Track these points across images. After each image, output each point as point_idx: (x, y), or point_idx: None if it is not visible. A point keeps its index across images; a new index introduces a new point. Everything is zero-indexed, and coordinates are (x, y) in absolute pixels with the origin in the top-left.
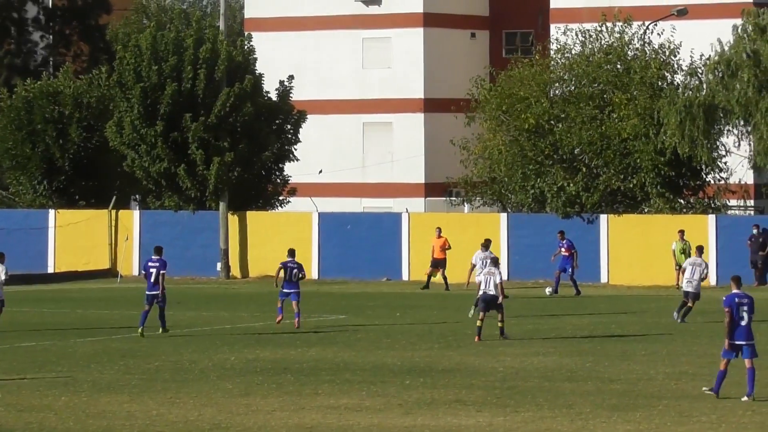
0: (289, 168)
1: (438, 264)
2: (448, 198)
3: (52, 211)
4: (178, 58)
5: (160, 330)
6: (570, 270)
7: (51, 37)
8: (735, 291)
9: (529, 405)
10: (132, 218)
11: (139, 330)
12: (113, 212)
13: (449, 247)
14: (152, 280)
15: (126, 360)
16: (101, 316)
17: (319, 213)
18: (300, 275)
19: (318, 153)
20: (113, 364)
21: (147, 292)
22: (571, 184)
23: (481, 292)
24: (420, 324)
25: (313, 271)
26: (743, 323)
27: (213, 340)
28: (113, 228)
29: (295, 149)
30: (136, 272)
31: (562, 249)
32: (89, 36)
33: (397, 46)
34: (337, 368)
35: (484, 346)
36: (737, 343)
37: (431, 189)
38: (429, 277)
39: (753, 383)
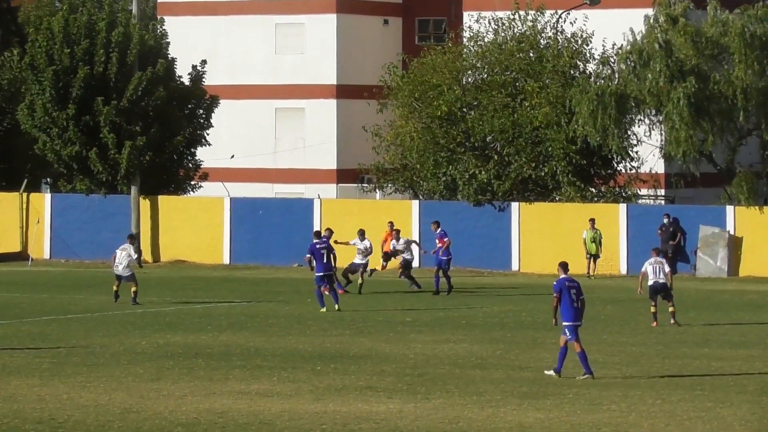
0: (201, 153)
1: (389, 257)
2: (360, 184)
3: None
4: (90, 42)
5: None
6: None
7: None
8: (564, 276)
9: (439, 392)
10: (43, 201)
11: (323, 310)
12: (24, 195)
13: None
14: (324, 261)
15: (36, 343)
16: (11, 299)
17: (230, 198)
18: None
19: (230, 138)
20: (23, 348)
21: (318, 274)
22: (483, 172)
23: (651, 282)
24: (331, 310)
25: (224, 257)
26: (576, 305)
27: (124, 324)
28: (24, 211)
29: (207, 134)
30: (47, 255)
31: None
32: (1, 18)
33: (310, 31)
34: (248, 354)
35: (394, 333)
36: (570, 324)
37: (343, 175)
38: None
39: (587, 362)
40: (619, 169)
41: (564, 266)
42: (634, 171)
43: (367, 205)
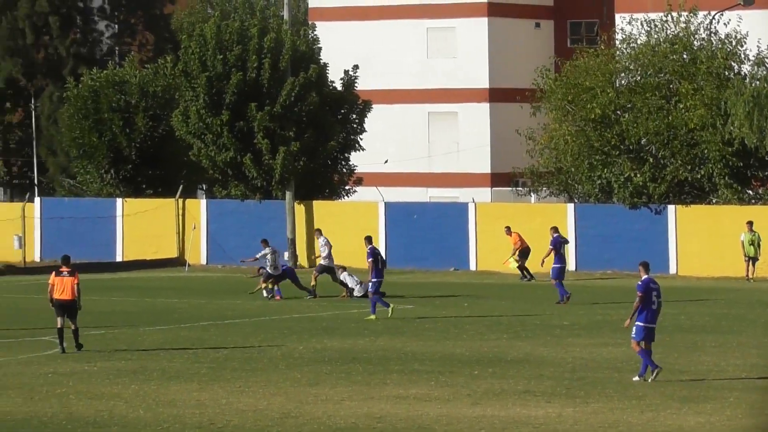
0: (355, 158)
1: (526, 253)
2: (514, 188)
3: (119, 200)
4: (242, 48)
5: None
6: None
7: (116, 26)
8: (647, 276)
9: (598, 396)
10: (199, 207)
11: (372, 317)
12: (180, 201)
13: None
14: (380, 267)
15: (195, 348)
16: (169, 304)
17: (385, 203)
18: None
19: (384, 143)
20: (183, 353)
21: (376, 279)
22: (638, 175)
23: None
24: (488, 314)
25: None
26: (654, 307)
27: (281, 329)
28: (180, 217)
29: (361, 139)
30: (204, 261)
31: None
32: (154, 25)
33: (462, 35)
34: (405, 358)
35: (552, 337)
36: (649, 326)
37: (497, 179)
38: (522, 268)
39: (646, 366)
40: None
41: (646, 266)
42: None
43: (521, 209)
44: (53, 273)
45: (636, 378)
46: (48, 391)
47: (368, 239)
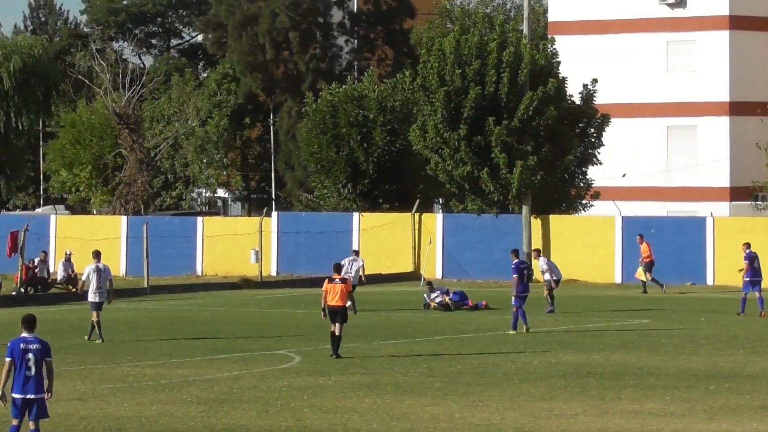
0: (592, 171)
1: (650, 267)
2: (753, 202)
3: (356, 214)
4: (481, 62)
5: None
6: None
7: (356, 41)
8: None
9: None
10: (435, 221)
11: (516, 331)
12: (416, 215)
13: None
14: (524, 281)
15: (429, 362)
16: (405, 318)
17: (622, 217)
18: None
19: (621, 156)
20: (416, 367)
21: (521, 294)
22: None
23: None
24: (724, 329)
25: (616, 275)
26: None
27: (515, 343)
28: (416, 231)
29: (599, 153)
30: (439, 275)
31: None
32: (393, 40)
33: (702, 48)
34: (640, 373)
35: None
36: None
37: (736, 193)
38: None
39: None
40: None
41: None
42: None
43: (760, 223)
44: (326, 281)
45: None
46: (282, 405)
47: (515, 252)
